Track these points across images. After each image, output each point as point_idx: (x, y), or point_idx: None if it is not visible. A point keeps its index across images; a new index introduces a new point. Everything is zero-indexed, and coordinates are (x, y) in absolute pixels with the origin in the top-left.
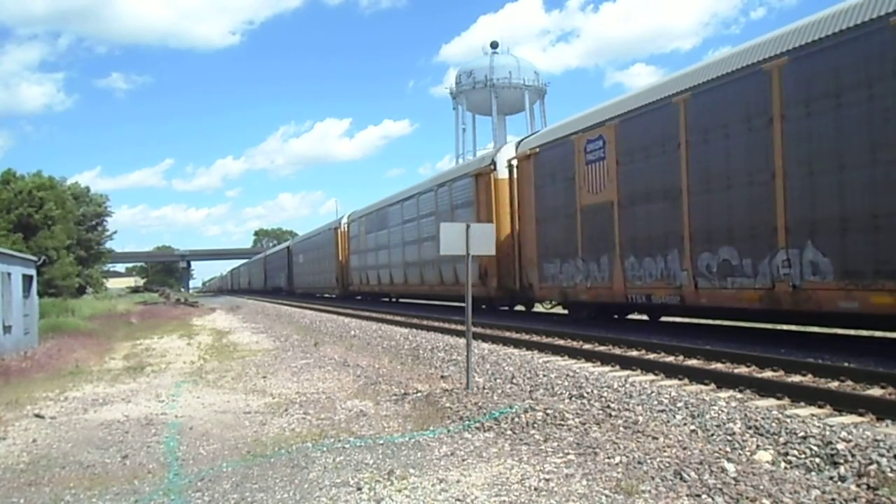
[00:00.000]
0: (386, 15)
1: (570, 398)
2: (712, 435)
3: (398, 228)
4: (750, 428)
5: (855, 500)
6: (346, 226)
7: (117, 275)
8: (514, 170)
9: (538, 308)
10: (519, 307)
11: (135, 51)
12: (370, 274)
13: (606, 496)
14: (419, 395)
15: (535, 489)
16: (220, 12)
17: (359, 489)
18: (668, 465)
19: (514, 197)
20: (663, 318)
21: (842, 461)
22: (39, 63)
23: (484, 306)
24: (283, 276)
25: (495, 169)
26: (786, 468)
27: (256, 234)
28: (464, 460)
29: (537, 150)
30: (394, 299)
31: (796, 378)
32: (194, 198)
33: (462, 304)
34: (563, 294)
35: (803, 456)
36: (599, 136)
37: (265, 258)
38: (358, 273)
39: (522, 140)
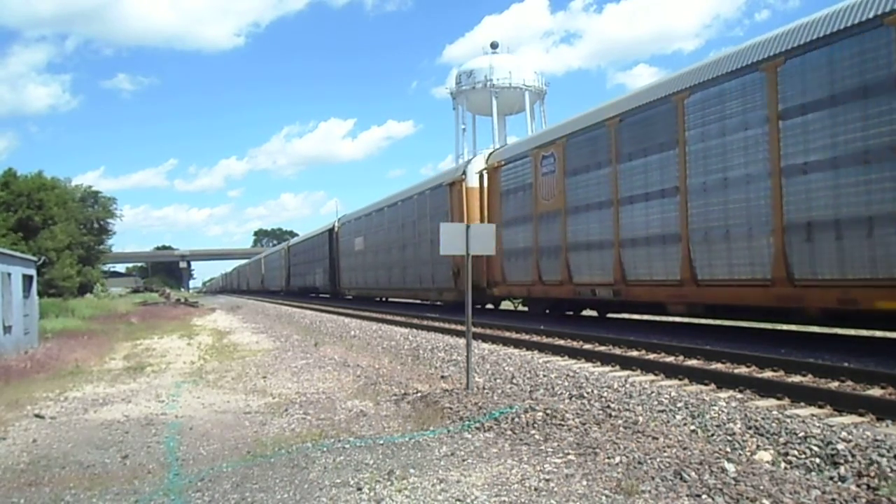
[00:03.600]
0: (391, 16)
1: (570, 398)
2: (712, 435)
3: (754, 133)
4: (750, 428)
5: (855, 500)
6: (482, 175)
7: (117, 275)
8: None
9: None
10: None
11: (141, 52)
12: (596, 258)
13: (606, 496)
14: (419, 395)
15: (535, 489)
16: (225, 14)
17: (359, 489)
18: (668, 465)
19: None
20: (664, 318)
21: (842, 461)
22: (46, 64)
23: None
24: (319, 272)
25: None
26: (786, 468)
27: (256, 234)
28: (464, 460)
29: None
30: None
31: (796, 378)
32: (196, 198)
33: None
34: None
35: (803, 456)
36: None
37: (288, 248)
38: (552, 257)
39: None
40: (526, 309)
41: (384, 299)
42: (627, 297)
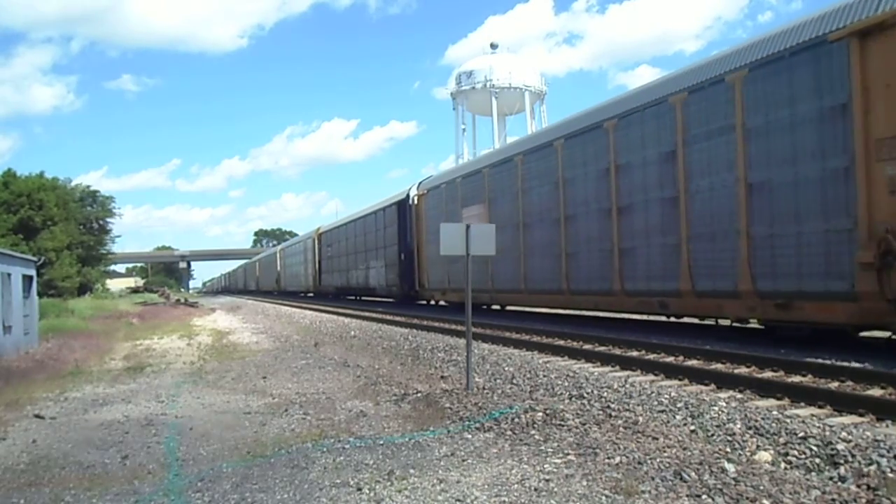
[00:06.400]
0: (394, 17)
1: (570, 398)
2: (712, 435)
3: None
4: (750, 428)
5: (855, 500)
6: None
7: (117, 275)
8: None
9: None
10: None
11: (145, 54)
12: None
13: (606, 496)
14: (419, 395)
15: (535, 489)
16: (229, 17)
17: (359, 489)
18: (668, 465)
19: None
20: (663, 319)
21: (842, 461)
22: (51, 66)
23: None
24: (376, 266)
25: None
26: (786, 468)
27: (256, 234)
28: (464, 461)
29: None
30: None
31: (796, 378)
32: (198, 198)
33: None
34: None
35: (803, 456)
36: None
37: (318, 236)
38: None
39: None
40: None
41: (492, 306)
42: None
